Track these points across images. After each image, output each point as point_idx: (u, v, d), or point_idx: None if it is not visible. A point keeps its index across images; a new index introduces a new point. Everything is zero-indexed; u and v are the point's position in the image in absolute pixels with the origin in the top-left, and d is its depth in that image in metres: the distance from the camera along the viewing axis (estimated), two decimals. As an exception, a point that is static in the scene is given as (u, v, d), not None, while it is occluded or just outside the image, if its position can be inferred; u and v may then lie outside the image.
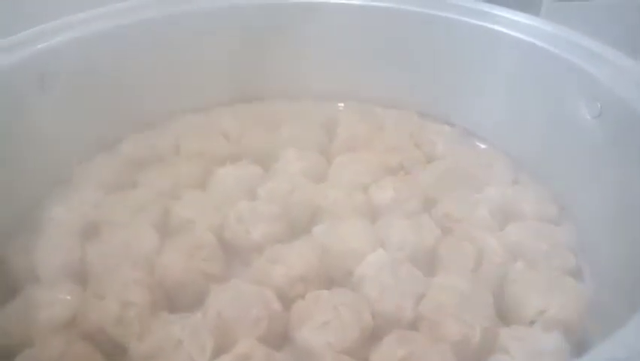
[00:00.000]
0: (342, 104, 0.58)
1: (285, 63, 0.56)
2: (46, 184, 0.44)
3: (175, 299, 0.37)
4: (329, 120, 0.54)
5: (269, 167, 0.48)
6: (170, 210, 0.42)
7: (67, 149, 0.46)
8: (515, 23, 0.46)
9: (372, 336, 0.34)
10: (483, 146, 0.52)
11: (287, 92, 0.57)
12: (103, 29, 0.47)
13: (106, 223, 0.41)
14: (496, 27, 0.47)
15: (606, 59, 0.40)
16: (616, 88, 0.37)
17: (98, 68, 0.47)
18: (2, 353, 0.33)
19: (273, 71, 0.56)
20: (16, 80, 0.41)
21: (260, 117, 0.54)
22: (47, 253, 0.38)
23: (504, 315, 0.36)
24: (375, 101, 0.57)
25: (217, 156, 0.48)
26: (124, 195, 0.44)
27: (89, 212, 0.42)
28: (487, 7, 0.48)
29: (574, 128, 0.41)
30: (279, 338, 0.34)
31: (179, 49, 0.52)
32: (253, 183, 0.46)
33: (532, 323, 0.34)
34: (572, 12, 0.66)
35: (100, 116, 0.48)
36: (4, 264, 0.38)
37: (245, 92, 0.57)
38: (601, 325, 0.34)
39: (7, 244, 0.39)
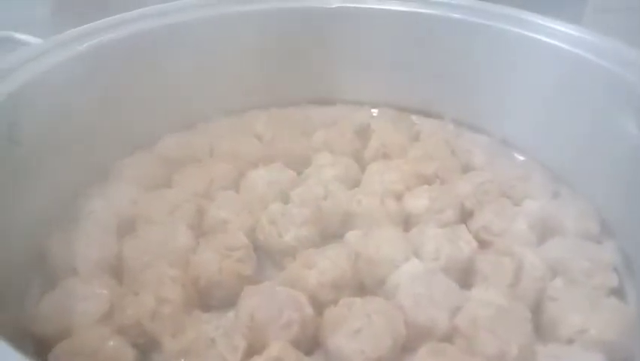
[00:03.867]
0: (376, 111, 0.58)
1: (320, 69, 0.57)
2: (86, 178, 0.45)
3: (208, 298, 0.37)
4: (362, 127, 0.54)
5: (301, 171, 0.48)
6: (205, 211, 0.43)
7: (107, 145, 0.47)
8: (558, 32, 0.45)
9: (405, 347, 0.33)
10: (521, 158, 0.51)
11: (321, 98, 0.57)
12: (141, 30, 0.48)
13: (142, 220, 0.42)
14: (539, 36, 0.46)
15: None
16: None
17: (138, 69, 0.48)
18: (41, 341, 0.34)
19: (307, 76, 0.57)
20: (60, 78, 0.42)
21: (293, 122, 0.54)
22: (85, 247, 0.39)
23: (542, 333, 0.35)
24: (410, 109, 0.56)
25: (250, 159, 0.49)
26: (160, 193, 0.44)
27: (125, 208, 0.43)
28: (530, 16, 0.47)
29: (618, 142, 0.40)
30: (310, 342, 0.34)
31: (217, 52, 0.52)
32: (285, 186, 0.46)
33: (571, 342, 0.33)
34: (612, 22, 0.64)
35: (139, 115, 0.49)
36: (45, 255, 0.39)
37: (280, 97, 0.57)
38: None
39: (48, 235, 0.40)
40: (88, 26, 0.46)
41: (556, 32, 0.45)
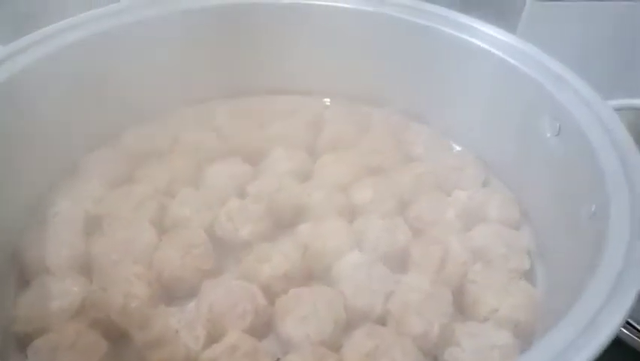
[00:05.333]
0: (329, 100, 0.61)
1: (275, 60, 0.59)
2: (52, 176, 0.48)
3: (171, 292, 0.41)
4: (316, 118, 0.58)
5: (258, 163, 0.52)
6: (166, 208, 0.46)
7: (72, 143, 0.49)
8: (492, 38, 0.49)
9: (346, 328, 0.39)
10: (458, 148, 0.55)
11: (277, 88, 0.60)
12: (98, 31, 0.49)
13: (108, 218, 0.45)
14: (474, 40, 0.50)
15: (570, 84, 0.43)
16: (574, 112, 0.41)
17: (98, 67, 0.50)
18: (20, 338, 0.37)
19: (264, 67, 0.59)
20: (20, 83, 0.44)
21: (250, 113, 0.57)
22: (54, 246, 0.42)
23: (464, 313, 0.41)
24: (362, 99, 0.60)
25: (209, 153, 0.52)
26: (124, 190, 0.47)
27: (91, 207, 0.46)
28: (468, 20, 0.51)
29: (536, 141, 0.45)
30: (264, 328, 0.39)
31: (172, 46, 0.54)
32: (242, 181, 0.49)
33: (485, 320, 0.39)
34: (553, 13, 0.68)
35: (101, 111, 0.51)
36: (17, 256, 0.42)
37: (237, 88, 0.59)
38: (549, 324, 0.39)
39: (19, 236, 0.43)
40: (43, 31, 0.47)
41: (490, 38, 0.49)
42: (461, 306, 0.41)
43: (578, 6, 0.68)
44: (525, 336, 0.39)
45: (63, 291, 0.39)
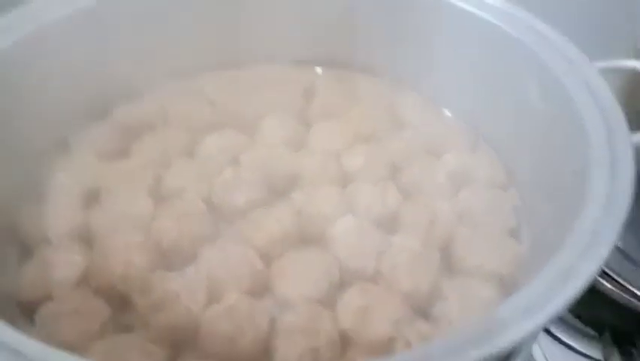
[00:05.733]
0: (320, 69, 0.61)
1: (265, 29, 0.59)
2: (45, 153, 0.48)
3: (169, 259, 0.43)
4: (308, 86, 0.58)
5: (252, 132, 0.53)
6: (162, 179, 0.47)
7: (61, 120, 0.50)
8: (478, 2, 0.49)
9: (340, 287, 0.40)
10: (449, 114, 0.56)
11: (267, 57, 0.60)
12: (85, 5, 0.49)
13: (105, 190, 0.46)
14: (460, 3, 0.50)
15: (557, 46, 0.44)
16: (560, 75, 0.42)
17: (83, 42, 0.50)
18: (24, 306, 0.39)
19: (252, 36, 0.59)
20: (10, 59, 0.44)
21: (242, 83, 0.58)
22: (55, 218, 0.43)
23: (451, 271, 0.42)
24: (353, 67, 0.60)
25: (203, 124, 0.52)
26: (119, 162, 0.48)
27: (88, 179, 0.47)
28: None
29: (524, 104, 0.46)
30: (262, 289, 0.41)
31: (159, 19, 0.53)
32: (237, 150, 0.50)
33: (470, 276, 0.41)
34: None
35: (90, 87, 0.51)
36: (17, 229, 0.43)
37: (227, 58, 0.59)
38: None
39: (18, 210, 0.44)
40: (30, 6, 0.47)
41: (477, 2, 0.49)
42: (449, 264, 0.43)
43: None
44: (509, 289, 0.41)
45: (66, 261, 0.40)
